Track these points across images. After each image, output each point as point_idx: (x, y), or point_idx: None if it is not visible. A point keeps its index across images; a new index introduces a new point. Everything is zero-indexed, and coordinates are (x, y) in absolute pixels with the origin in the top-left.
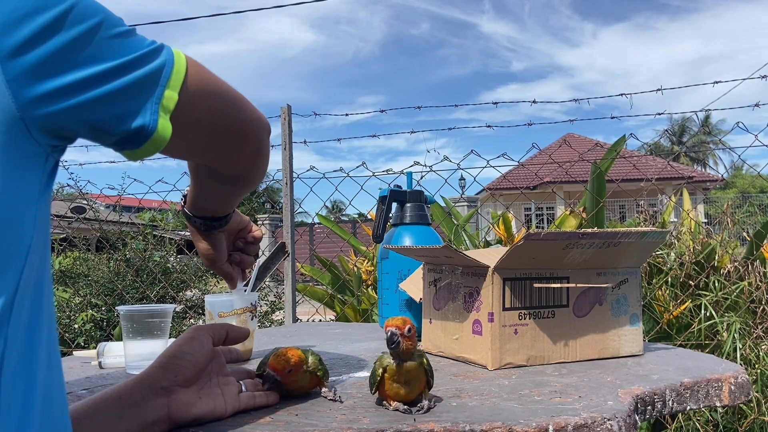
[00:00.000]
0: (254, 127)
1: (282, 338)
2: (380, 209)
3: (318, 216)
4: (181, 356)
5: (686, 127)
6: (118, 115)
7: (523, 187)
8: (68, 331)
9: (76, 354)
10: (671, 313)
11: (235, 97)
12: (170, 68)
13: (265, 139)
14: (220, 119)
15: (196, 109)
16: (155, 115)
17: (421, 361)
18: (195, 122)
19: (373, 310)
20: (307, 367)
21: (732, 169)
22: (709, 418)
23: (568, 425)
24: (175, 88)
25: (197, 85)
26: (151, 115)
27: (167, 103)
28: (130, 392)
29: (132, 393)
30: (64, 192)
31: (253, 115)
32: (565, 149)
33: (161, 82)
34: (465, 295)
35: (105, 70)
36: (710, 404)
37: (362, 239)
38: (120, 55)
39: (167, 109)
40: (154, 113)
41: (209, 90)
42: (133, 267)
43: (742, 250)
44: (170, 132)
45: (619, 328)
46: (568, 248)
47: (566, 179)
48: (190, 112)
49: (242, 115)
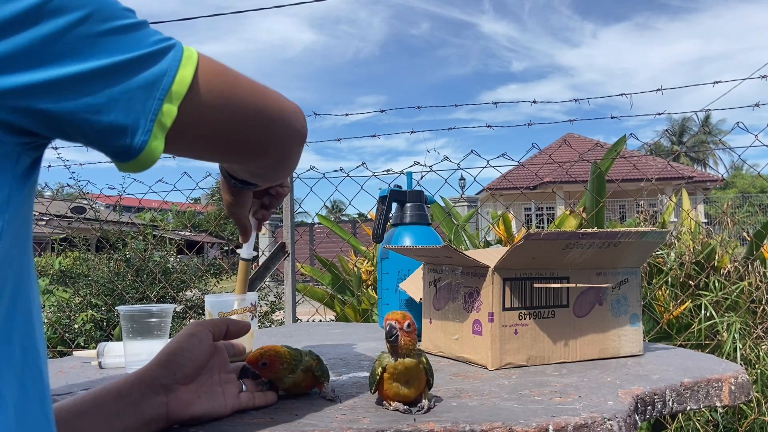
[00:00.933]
0: (280, 140)
1: (282, 338)
2: (380, 209)
3: (318, 216)
4: (181, 354)
5: (686, 127)
6: (99, 129)
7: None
8: (68, 331)
9: (76, 354)
10: (671, 313)
11: (258, 107)
12: (172, 76)
13: (294, 150)
14: (234, 133)
15: (201, 124)
16: (146, 135)
17: (421, 360)
18: (199, 137)
19: (373, 310)
20: (289, 365)
21: (732, 169)
22: (709, 418)
23: (568, 425)
24: (176, 100)
25: (206, 96)
26: (141, 135)
27: (164, 119)
28: (129, 389)
29: (131, 390)
30: (64, 192)
31: (280, 128)
32: (565, 149)
33: (158, 94)
34: (465, 295)
35: (82, 73)
36: (710, 404)
37: (362, 239)
38: (106, 54)
39: (163, 126)
40: (146, 133)
41: (222, 102)
42: (133, 267)
43: (742, 250)
44: (161, 151)
45: (619, 328)
46: (568, 248)
47: (566, 179)
48: (194, 127)
49: (265, 129)
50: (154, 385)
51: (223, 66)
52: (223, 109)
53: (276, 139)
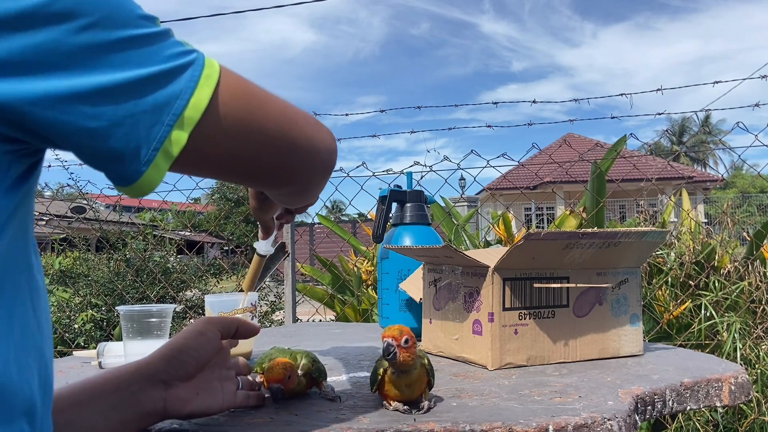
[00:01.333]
0: (303, 172)
1: (282, 338)
2: (380, 209)
3: (318, 216)
4: (187, 352)
5: (686, 127)
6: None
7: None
8: (68, 331)
9: (76, 354)
10: (671, 313)
11: (282, 135)
12: (186, 100)
13: (318, 182)
14: (250, 161)
15: (213, 153)
16: (145, 166)
17: (422, 363)
18: (210, 164)
19: (373, 310)
20: (298, 368)
21: (732, 169)
22: (709, 418)
23: (568, 425)
24: (188, 127)
25: (223, 122)
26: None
27: (171, 147)
28: (128, 382)
29: (130, 383)
30: (64, 192)
31: (304, 159)
32: (565, 149)
33: (167, 119)
34: (465, 295)
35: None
36: (710, 404)
37: (362, 239)
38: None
39: (169, 155)
40: (145, 163)
41: (240, 129)
42: (133, 267)
43: (742, 250)
44: (161, 179)
45: (619, 328)
46: (568, 248)
47: (566, 179)
48: (205, 155)
49: (286, 159)
50: (154, 380)
51: (248, 86)
52: (241, 137)
53: (298, 171)
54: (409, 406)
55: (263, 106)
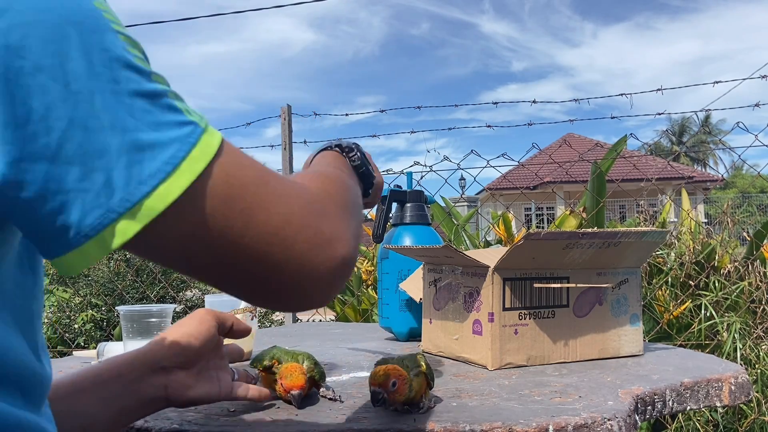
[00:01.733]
0: (293, 295)
1: (282, 338)
2: (380, 209)
3: None
4: (188, 339)
5: (686, 127)
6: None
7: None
8: (68, 331)
9: (76, 354)
10: (671, 313)
11: (269, 256)
12: (152, 185)
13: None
14: (219, 273)
15: (170, 252)
16: (68, 249)
17: (420, 370)
18: (165, 260)
19: (373, 310)
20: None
21: (732, 169)
22: (709, 418)
23: (568, 425)
24: (143, 218)
25: (190, 223)
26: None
27: (110, 238)
28: (130, 369)
29: (131, 370)
30: None
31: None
32: (565, 149)
33: (115, 204)
34: (465, 295)
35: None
36: (710, 404)
37: (362, 239)
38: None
39: (105, 245)
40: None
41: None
42: (133, 267)
43: (742, 250)
44: (87, 266)
45: (619, 328)
46: (568, 248)
47: (566, 179)
48: (160, 252)
49: (270, 280)
50: (155, 366)
51: (247, 180)
52: (212, 245)
53: (284, 293)
54: (409, 406)
55: (253, 216)
